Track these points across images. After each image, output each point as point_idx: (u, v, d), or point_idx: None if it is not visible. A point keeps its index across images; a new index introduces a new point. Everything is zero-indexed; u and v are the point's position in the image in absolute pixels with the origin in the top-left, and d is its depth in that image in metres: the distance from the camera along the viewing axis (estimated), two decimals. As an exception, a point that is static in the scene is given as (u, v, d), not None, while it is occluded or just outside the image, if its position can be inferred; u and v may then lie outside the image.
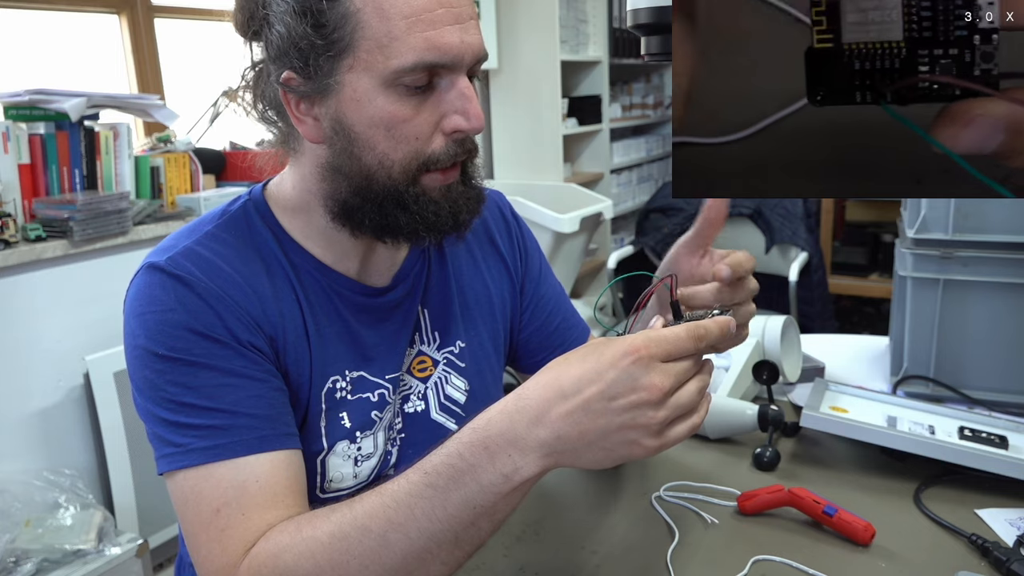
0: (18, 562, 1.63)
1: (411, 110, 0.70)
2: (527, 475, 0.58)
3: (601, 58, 3.75)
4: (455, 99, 0.71)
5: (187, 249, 0.74)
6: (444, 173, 0.74)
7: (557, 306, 1.00)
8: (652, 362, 0.56)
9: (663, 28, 0.73)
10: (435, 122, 0.71)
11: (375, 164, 0.72)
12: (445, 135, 0.72)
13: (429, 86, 0.70)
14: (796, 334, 1.29)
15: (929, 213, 1.18)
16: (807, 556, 0.81)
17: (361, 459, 0.81)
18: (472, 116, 0.71)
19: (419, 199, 0.73)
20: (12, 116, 1.90)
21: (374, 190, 0.73)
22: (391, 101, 0.69)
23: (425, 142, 0.71)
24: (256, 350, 0.73)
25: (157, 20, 2.38)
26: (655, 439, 0.57)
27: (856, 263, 3.67)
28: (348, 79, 0.69)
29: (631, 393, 0.56)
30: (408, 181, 0.72)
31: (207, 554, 0.67)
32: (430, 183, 0.73)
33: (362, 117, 0.70)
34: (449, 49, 0.68)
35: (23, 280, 1.87)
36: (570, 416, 0.57)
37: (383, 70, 0.68)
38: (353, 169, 0.72)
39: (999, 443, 0.95)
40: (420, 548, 0.60)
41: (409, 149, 0.71)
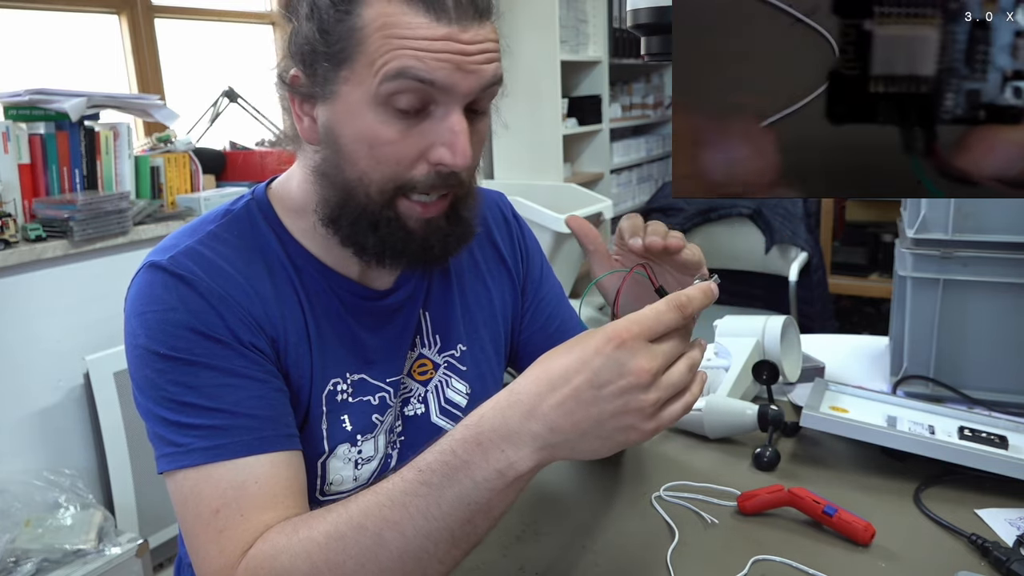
0: (18, 562, 1.63)
1: (397, 133, 0.69)
2: (521, 470, 0.58)
3: (601, 58, 3.75)
4: (444, 131, 0.69)
5: (189, 248, 0.74)
6: (425, 207, 0.73)
7: (558, 307, 1.00)
8: (637, 344, 0.56)
9: (663, 28, 0.73)
10: (421, 150, 0.70)
11: (355, 179, 0.72)
12: (429, 164, 0.71)
13: (424, 113, 0.69)
14: (796, 334, 1.29)
15: (929, 213, 1.18)
16: (807, 556, 0.81)
17: (362, 462, 0.81)
18: (458, 152, 0.69)
19: (390, 223, 0.73)
20: (12, 116, 1.90)
21: (351, 205, 0.73)
22: (378, 120, 0.69)
23: (406, 167, 0.71)
24: (257, 351, 0.73)
25: (157, 20, 2.38)
26: (650, 422, 0.57)
27: (856, 263, 3.67)
28: (343, 91, 0.69)
29: (619, 379, 0.55)
30: (384, 203, 0.72)
31: (205, 555, 0.67)
32: (407, 211, 0.73)
33: (350, 130, 0.70)
34: (439, 75, 0.67)
35: (23, 280, 1.87)
36: (561, 407, 0.56)
37: (372, 86, 0.68)
38: (337, 179, 0.73)
39: (999, 443, 0.95)
40: (416, 546, 0.60)
41: (388, 171, 0.71)
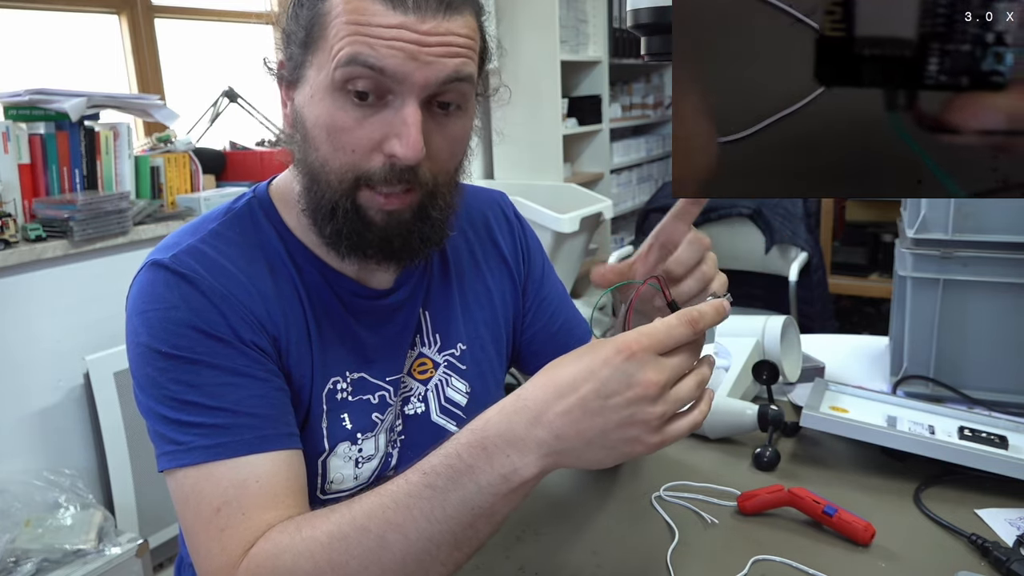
0: (18, 562, 1.63)
1: (352, 121, 0.69)
2: (526, 476, 0.58)
3: (601, 58, 3.75)
4: (397, 123, 0.68)
5: (191, 247, 0.74)
6: (387, 198, 0.71)
7: (560, 307, 1.00)
8: (646, 357, 0.56)
9: (663, 28, 0.73)
10: (377, 140, 0.69)
11: (318, 166, 0.72)
12: (384, 156, 0.70)
13: (381, 103, 0.69)
14: (796, 334, 1.29)
15: (929, 213, 1.18)
16: (807, 556, 0.81)
17: (362, 461, 0.81)
18: (409, 145, 0.67)
19: (347, 214, 0.72)
20: (12, 116, 1.90)
21: (314, 191, 0.73)
22: (335, 106, 0.69)
23: (362, 157, 0.70)
24: (259, 350, 0.73)
25: (157, 20, 2.38)
26: (655, 435, 0.57)
27: (856, 263, 3.66)
28: (309, 75, 0.71)
29: (627, 390, 0.55)
30: (344, 192, 0.71)
31: (206, 553, 0.67)
32: (367, 201, 0.72)
33: (311, 115, 0.71)
34: (388, 62, 0.66)
35: (23, 280, 1.87)
36: (567, 415, 0.57)
37: (329, 71, 0.68)
38: (304, 166, 0.73)
39: (999, 443, 0.95)
40: (419, 549, 0.60)
41: (345, 159, 0.70)
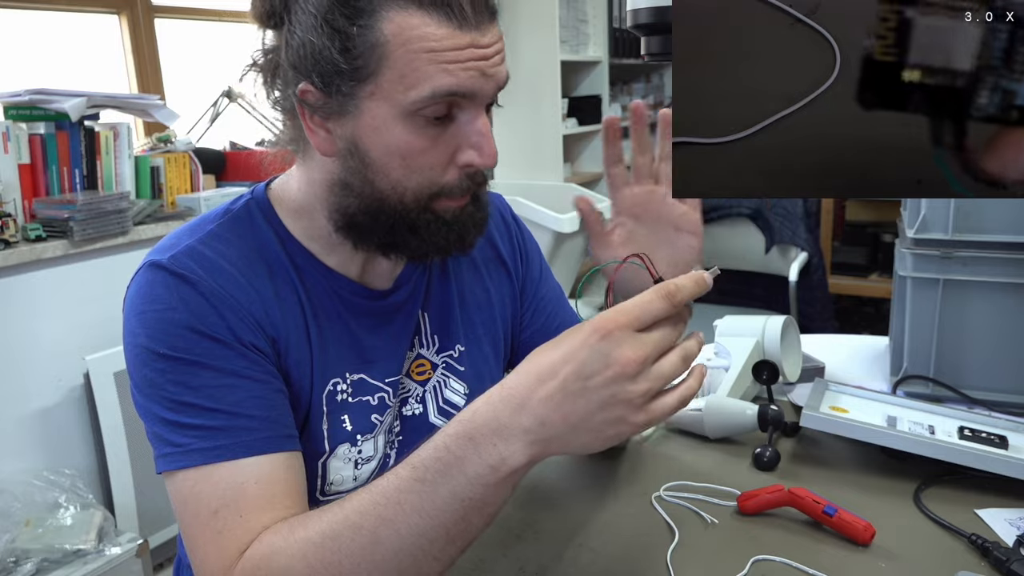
0: (18, 562, 1.63)
1: (428, 141, 0.70)
2: (514, 465, 0.58)
3: (601, 58, 3.75)
4: (472, 134, 0.71)
5: (190, 248, 0.74)
6: (456, 200, 0.74)
7: (557, 307, 1.00)
8: (623, 334, 0.55)
9: (663, 28, 0.73)
10: (451, 153, 0.72)
11: (388, 189, 0.72)
12: (458, 168, 0.72)
13: (448, 117, 0.70)
14: (796, 334, 1.29)
15: (929, 213, 1.18)
16: (807, 556, 0.81)
17: (361, 462, 0.81)
18: (487, 154, 0.71)
19: (430, 225, 0.74)
20: (12, 116, 1.90)
21: (385, 212, 0.73)
22: (409, 132, 0.69)
23: (439, 172, 0.72)
24: (258, 351, 0.73)
25: (157, 20, 2.38)
26: (639, 414, 0.56)
27: (856, 263, 3.66)
28: (368, 106, 0.69)
29: (605, 369, 0.55)
30: (420, 208, 0.73)
31: (204, 555, 0.67)
32: (443, 209, 0.74)
33: (378, 144, 0.70)
34: (469, 85, 0.68)
35: (23, 280, 1.87)
36: (550, 400, 0.56)
37: (403, 101, 0.68)
38: (365, 191, 0.73)
39: (999, 443, 0.95)
40: (411, 544, 0.60)
41: (423, 179, 0.72)
